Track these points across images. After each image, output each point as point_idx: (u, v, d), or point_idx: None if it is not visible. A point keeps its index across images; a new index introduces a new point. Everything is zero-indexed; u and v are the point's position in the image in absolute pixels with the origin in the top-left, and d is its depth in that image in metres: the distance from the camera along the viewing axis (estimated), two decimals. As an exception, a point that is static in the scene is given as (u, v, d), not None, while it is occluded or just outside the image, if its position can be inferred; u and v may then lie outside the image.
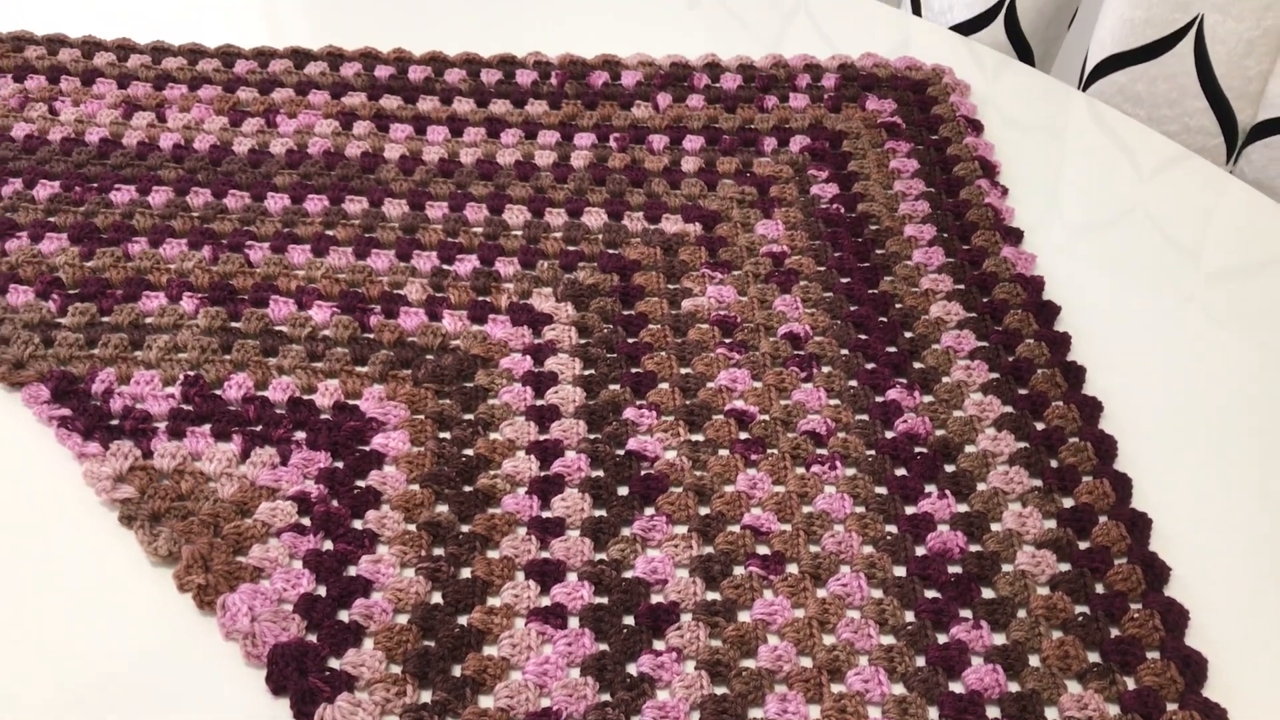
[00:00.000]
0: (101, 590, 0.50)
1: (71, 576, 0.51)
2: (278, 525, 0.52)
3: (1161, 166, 0.80)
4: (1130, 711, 0.46)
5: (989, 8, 0.91)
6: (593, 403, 0.58)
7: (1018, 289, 0.66)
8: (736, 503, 0.54)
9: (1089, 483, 0.55)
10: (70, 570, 0.51)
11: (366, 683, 0.47)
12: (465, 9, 0.91)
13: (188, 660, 0.48)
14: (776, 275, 0.66)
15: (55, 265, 0.65)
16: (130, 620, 0.49)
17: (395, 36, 0.84)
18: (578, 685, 0.46)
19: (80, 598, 0.50)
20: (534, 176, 0.72)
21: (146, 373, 0.59)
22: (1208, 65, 0.80)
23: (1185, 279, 0.72)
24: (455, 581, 0.50)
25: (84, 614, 0.49)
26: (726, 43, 0.87)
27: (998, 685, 0.47)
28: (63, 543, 0.52)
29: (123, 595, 0.50)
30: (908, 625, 0.49)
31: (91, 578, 0.51)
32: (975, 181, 0.74)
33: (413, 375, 0.59)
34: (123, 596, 0.50)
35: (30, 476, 0.55)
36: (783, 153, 0.76)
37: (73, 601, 0.50)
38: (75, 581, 0.51)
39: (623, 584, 0.50)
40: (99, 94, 0.78)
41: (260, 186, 0.71)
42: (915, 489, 0.55)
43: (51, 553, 0.52)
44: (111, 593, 0.50)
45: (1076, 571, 0.51)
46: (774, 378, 0.60)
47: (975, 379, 0.60)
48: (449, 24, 0.89)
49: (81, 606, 0.50)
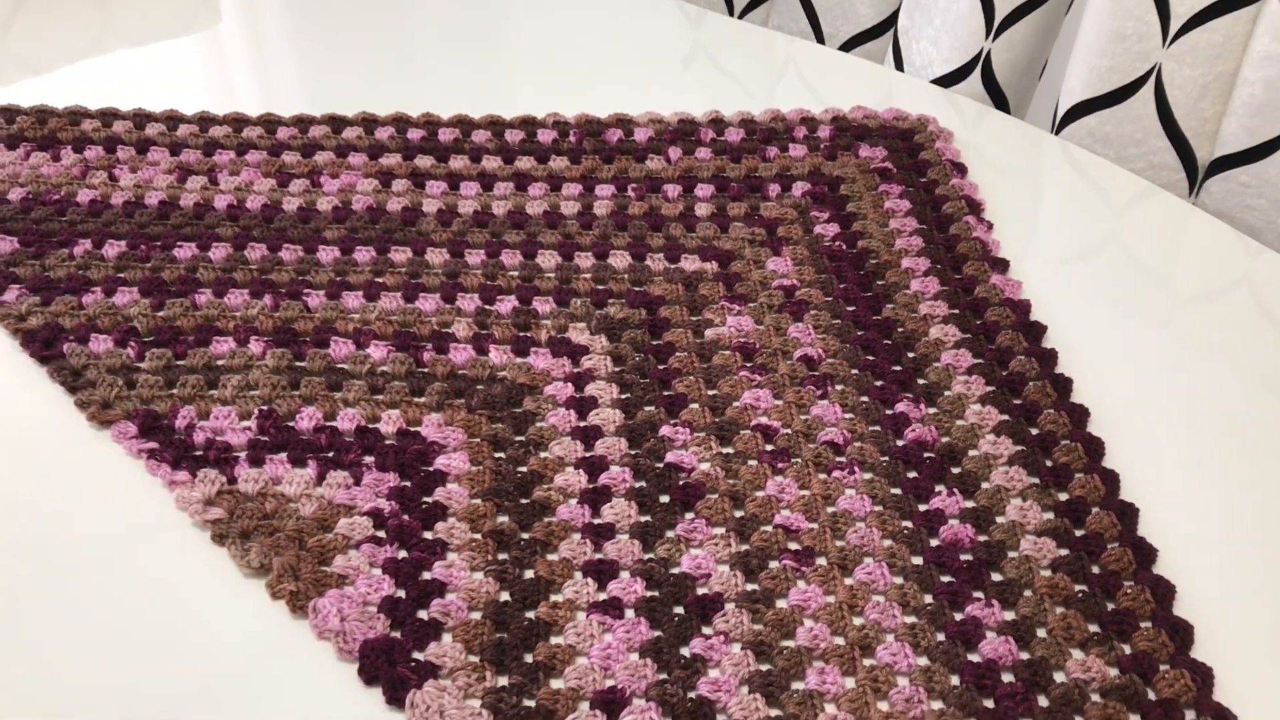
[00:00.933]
0: (198, 605, 0.55)
1: (169, 594, 0.56)
2: (356, 538, 0.58)
3: (1130, 201, 0.88)
4: (1128, 672, 0.52)
5: (966, 62, 0.99)
6: (631, 422, 0.64)
7: (1007, 311, 0.73)
8: (767, 505, 0.60)
9: (1081, 479, 0.62)
10: (167, 588, 0.56)
11: (449, 670, 0.52)
12: (462, 78, 0.98)
13: (284, 661, 0.53)
14: (789, 306, 0.73)
15: (130, 316, 0.70)
16: (228, 629, 0.54)
17: (394, 105, 0.91)
18: (638, 666, 0.52)
19: (180, 612, 0.55)
20: (561, 225, 0.79)
21: (223, 408, 0.64)
22: (1168, 108, 0.88)
23: (1156, 302, 0.79)
24: (521, 581, 0.56)
25: (186, 627, 0.54)
26: (721, 100, 0.94)
27: (1010, 654, 0.53)
28: (158, 564, 0.57)
29: (218, 608, 0.55)
30: (927, 606, 0.55)
31: (187, 594, 0.56)
32: (963, 218, 0.81)
33: (466, 403, 0.65)
34: (218, 609, 0.55)
35: (122, 506, 0.60)
36: (786, 197, 0.83)
37: (174, 616, 0.55)
38: (173, 597, 0.56)
39: (671, 579, 0.56)
40: (153, 161, 0.84)
41: (312, 240, 0.77)
42: (926, 488, 0.61)
43: (147, 575, 0.57)
44: (208, 607, 0.55)
45: (1074, 555, 0.58)
46: (793, 395, 0.66)
47: (974, 391, 0.67)
48: (448, 93, 0.96)
49: (183, 620, 0.55)
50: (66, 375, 0.67)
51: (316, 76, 1.01)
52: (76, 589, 0.56)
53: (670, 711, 0.50)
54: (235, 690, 0.52)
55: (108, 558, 0.57)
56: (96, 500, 0.60)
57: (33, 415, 0.65)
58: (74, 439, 0.63)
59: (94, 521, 0.59)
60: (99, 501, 0.60)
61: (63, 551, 0.57)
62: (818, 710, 0.51)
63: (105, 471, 0.62)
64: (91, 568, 0.57)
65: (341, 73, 1.00)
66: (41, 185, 0.81)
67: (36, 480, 0.61)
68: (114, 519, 0.60)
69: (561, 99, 0.93)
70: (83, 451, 0.63)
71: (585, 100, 0.92)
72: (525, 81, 0.98)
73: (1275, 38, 0.83)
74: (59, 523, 0.59)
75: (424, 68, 1.03)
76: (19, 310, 0.70)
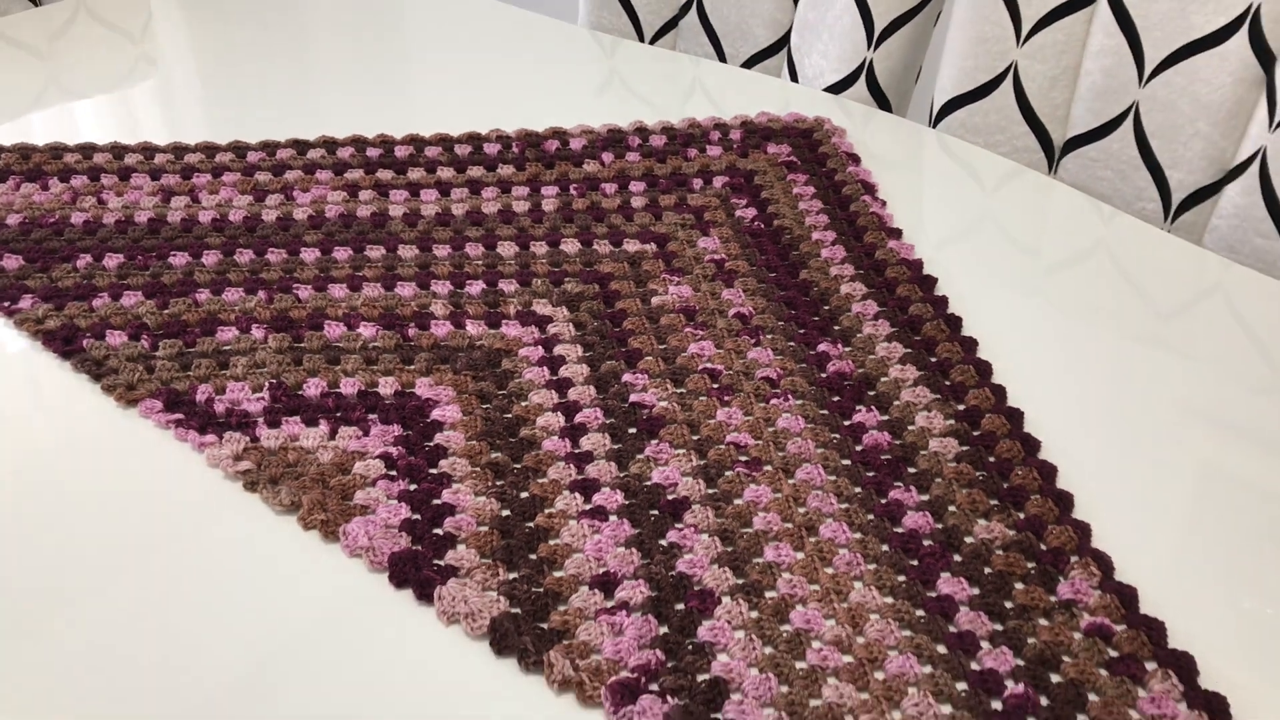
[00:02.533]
0: (238, 546, 0.64)
1: (207, 542, 0.64)
2: (372, 476, 0.67)
3: (1000, 180, 1.02)
4: (1023, 531, 0.64)
5: (852, 70, 1.13)
6: (597, 374, 0.75)
7: (904, 269, 0.85)
8: (719, 429, 0.71)
9: (974, 393, 0.74)
10: (205, 537, 0.65)
11: (466, 570, 0.62)
12: (392, 111, 1.09)
13: (322, 582, 0.62)
14: (720, 275, 0.85)
15: (139, 314, 0.79)
16: (269, 562, 0.63)
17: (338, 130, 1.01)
18: (625, 555, 0.62)
19: (221, 554, 0.64)
20: (515, 220, 0.90)
21: (237, 384, 0.73)
22: (1025, 99, 1.03)
23: (1028, 269, 0.92)
24: (519, 500, 0.66)
25: (227, 565, 0.63)
26: (639, 117, 1.06)
27: (928, 525, 0.65)
28: (192, 520, 0.66)
29: (258, 548, 0.64)
30: (858, 493, 0.67)
31: (226, 537, 0.65)
32: (860, 198, 0.94)
33: (452, 367, 0.75)
34: (258, 549, 0.64)
35: (154, 475, 0.68)
36: (709, 189, 0.95)
37: (216, 556, 0.63)
38: (211, 542, 0.64)
39: (645, 489, 0.67)
40: (136, 185, 0.93)
41: (293, 244, 0.86)
42: (849, 408, 0.73)
43: (183, 530, 0.65)
44: (246, 547, 0.64)
45: (974, 449, 0.70)
46: (732, 344, 0.78)
47: (881, 332, 0.79)
48: (382, 126, 1.06)
49: (223, 559, 0.63)
50: (90, 365, 0.75)
51: (258, 114, 1.11)
52: (141, 556, 0.64)
53: (656, 586, 0.61)
54: (299, 631, 0.60)
55: (143, 521, 0.66)
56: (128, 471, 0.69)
57: (57, 408, 0.73)
58: (101, 423, 0.72)
59: (136, 493, 0.67)
60: (130, 472, 0.69)
61: (122, 525, 0.66)
62: (776, 576, 0.62)
63: (134, 447, 0.70)
64: (154, 538, 0.65)
65: (280, 107, 1.10)
66: (36, 210, 0.89)
67: (75, 461, 0.70)
68: (146, 488, 0.68)
69: (491, 126, 1.03)
70: (111, 431, 0.71)
71: (513, 126, 1.03)
72: (453, 113, 1.08)
73: (1108, 34, 0.98)
74: (110, 501, 0.67)
75: (359, 101, 1.13)
76: (36, 314, 0.78)
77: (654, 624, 0.59)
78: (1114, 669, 0.57)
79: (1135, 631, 0.59)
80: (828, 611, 0.60)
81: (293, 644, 0.58)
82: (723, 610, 0.60)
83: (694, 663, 0.57)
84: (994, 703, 0.56)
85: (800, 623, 0.59)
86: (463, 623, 0.59)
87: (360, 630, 0.59)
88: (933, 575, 0.62)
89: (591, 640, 0.58)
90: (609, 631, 0.58)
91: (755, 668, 0.57)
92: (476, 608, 0.59)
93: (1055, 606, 0.60)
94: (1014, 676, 0.57)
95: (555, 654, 0.57)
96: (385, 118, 1.05)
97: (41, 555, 0.63)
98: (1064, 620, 0.60)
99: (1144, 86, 0.98)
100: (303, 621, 0.60)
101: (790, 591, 0.61)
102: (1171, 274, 0.89)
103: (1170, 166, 0.99)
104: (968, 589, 0.61)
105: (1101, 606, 0.60)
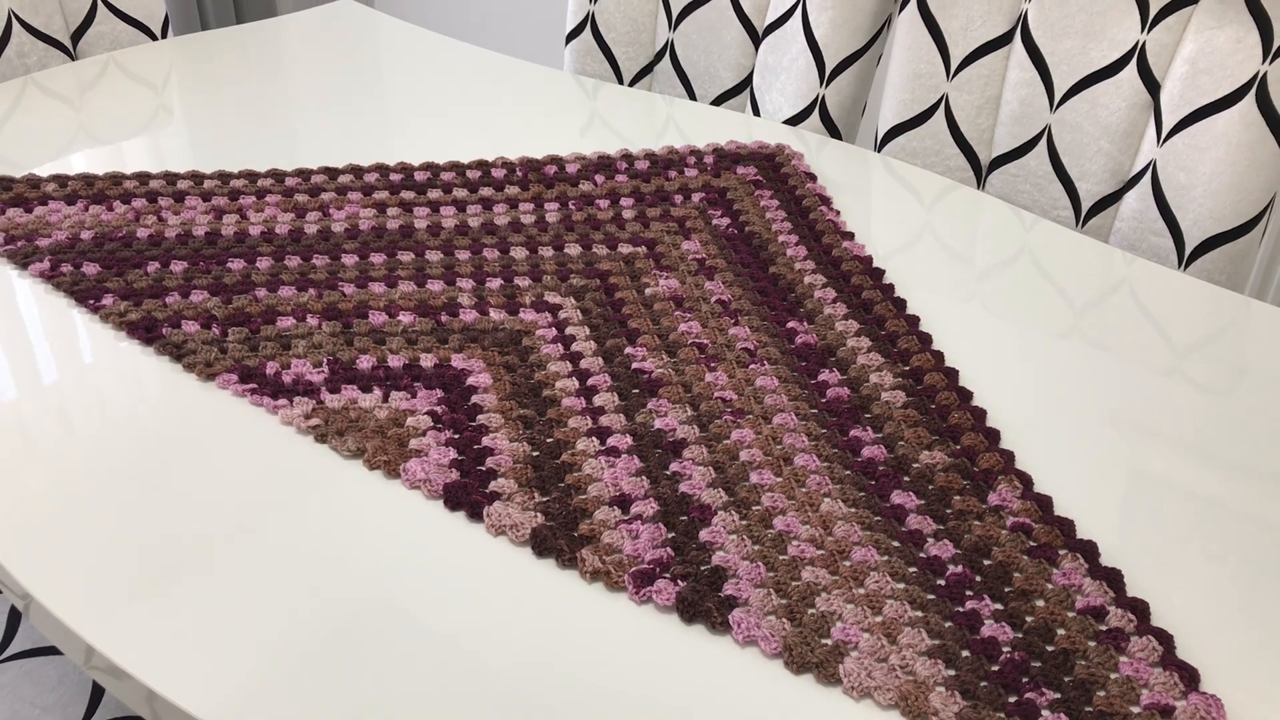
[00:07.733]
0: (313, 488, 0.77)
1: (287, 485, 0.78)
2: (422, 428, 0.81)
3: (937, 196, 1.18)
4: (959, 457, 0.79)
5: (807, 105, 1.30)
6: (603, 349, 0.89)
7: (857, 263, 1.01)
8: (709, 388, 0.85)
9: (918, 357, 0.89)
10: (284, 481, 0.78)
11: (507, 495, 0.75)
12: (394, 151, 1.24)
13: (387, 513, 0.75)
14: (702, 271, 0.99)
15: (208, 308, 0.92)
16: (338, 495, 0.76)
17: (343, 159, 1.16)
18: (637, 481, 0.76)
19: (303, 493, 0.77)
20: (524, 230, 1.05)
21: (300, 361, 0.87)
22: (956, 125, 1.20)
23: (963, 276, 1.08)
24: (546, 443, 0.80)
25: (312, 502, 0.76)
26: (622, 149, 1.21)
27: (882, 454, 0.79)
28: (273, 472, 0.79)
29: (324, 488, 0.77)
30: (824, 432, 0.81)
31: (300, 481, 0.78)
32: (818, 208, 1.09)
33: (481, 345, 0.89)
34: (324, 489, 0.77)
35: (234, 435, 0.82)
36: (689, 203, 1.10)
37: (301, 495, 0.77)
38: (292, 482, 0.77)
39: (650, 432, 0.81)
40: (190, 206, 1.07)
41: (335, 252, 1.00)
42: (814, 370, 0.88)
43: (270, 476, 0.78)
44: (317, 484, 0.77)
45: (919, 399, 0.85)
46: (715, 324, 0.92)
47: (839, 313, 0.94)
48: (391, 152, 1.21)
49: (308, 498, 0.76)
50: (171, 349, 0.88)
51: (272, 160, 1.25)
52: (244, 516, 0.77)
53: (663, 504, 0.75)
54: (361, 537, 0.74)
55: (231, 473, 0.79)
56: (212, 436, 0.82)
57: (145, 385, 0.86)
58: (184, 397, 0.85)
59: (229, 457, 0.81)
60: (215, 437, 0.82)
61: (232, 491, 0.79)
62: (760, 494, 0.76)
63: (212, 414, 0.83)
64: (250, 484, 0.78)
65: (306, 148, 1.24)
66: (105, 227, 1.02)
67: (168, 424, 0.83)
68: (228, 449, 0.81)
69: (493, 157, 1.19)
70: (194, 401, 0.84)
71: (512, 156, 1.18)
72: (457, 148, 1.23)
73: (1023, 68, 1.15)
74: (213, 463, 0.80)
75: (368, 145, 1.28)
76: (119, 310, 0.92)
77: (663, 530, 0.73)
78: (1033, 554, 0.72)
79: (1049, 527, 0.74)
80: (804, 519, 0.74)
81: (384, 566, 0.71)
82: (719, 520, 0.74)
83: (698, 556, 0.71)
84: (939, 580, 0.70)
85: (781, 526, 0.73)
86: (509, 533, 0.73)
87: (425, 543, 0.72)
88: (887, 491, 0.76)
89: (614, 543, 0.72)
90: (628, 536, 0.72)
91: (747, 559, 0.71)
92: (519, 520, 0.73)
93: (986, 510, 0.75)
94: (954, 562, 0.71)
95: (586, 552, 0.71)
96: (394, 154, 1.20)
97: (175, 506, 0.75)
98: (993, 521, 0.74)
99: (1054, 112, 1.16)
100: (381, 546, 0.73)
101: (773, 505, 0.75)
102: (1084, 269, 1.06)
103: (1079, 179, 1.16)
104: (915, 500, 0.76)
105: (1024, 510, 0.75)
